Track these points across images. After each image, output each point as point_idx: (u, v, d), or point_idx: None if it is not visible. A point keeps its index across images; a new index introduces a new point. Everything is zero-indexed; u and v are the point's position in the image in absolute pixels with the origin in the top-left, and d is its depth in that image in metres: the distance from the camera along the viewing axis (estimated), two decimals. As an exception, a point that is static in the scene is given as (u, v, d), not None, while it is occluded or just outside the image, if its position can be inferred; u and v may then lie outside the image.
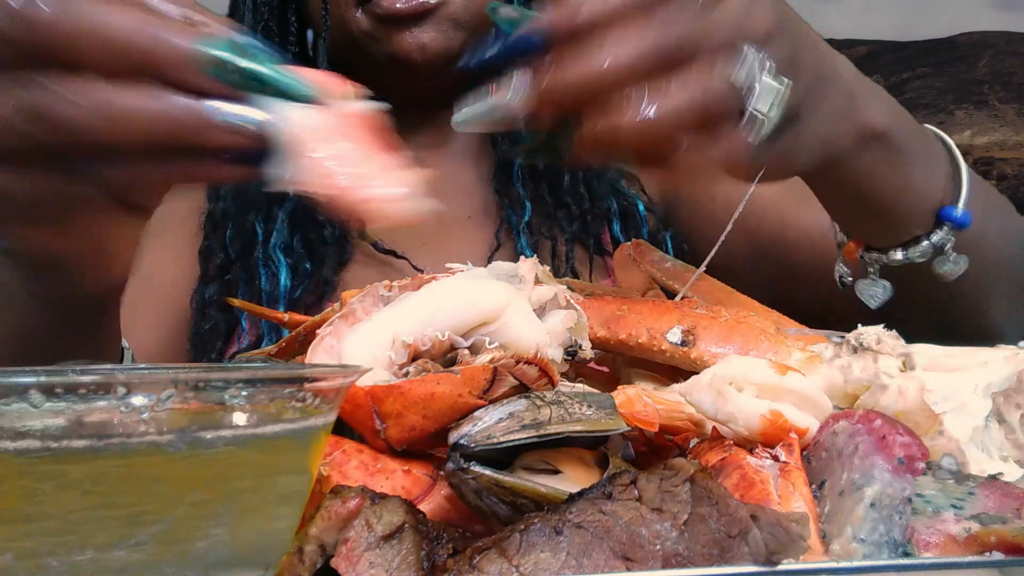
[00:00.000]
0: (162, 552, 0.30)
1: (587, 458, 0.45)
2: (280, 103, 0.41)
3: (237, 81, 0.41)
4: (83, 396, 0.30)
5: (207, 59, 0.41)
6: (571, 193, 1.04)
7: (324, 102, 0.41)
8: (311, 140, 0.40)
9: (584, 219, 1.04)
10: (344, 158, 0.41)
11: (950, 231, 0.67)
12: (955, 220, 0.67)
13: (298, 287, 0.98)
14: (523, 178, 1.03)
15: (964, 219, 0.67)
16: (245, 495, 0.31)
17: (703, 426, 0.51)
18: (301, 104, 0.41)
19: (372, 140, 0.42)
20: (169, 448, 0.29)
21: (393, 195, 0.41)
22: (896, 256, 0.68)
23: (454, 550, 0.37)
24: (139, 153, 0.43)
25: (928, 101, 2.69)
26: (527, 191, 1.03)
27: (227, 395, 0.32)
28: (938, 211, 0.67)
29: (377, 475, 0.45)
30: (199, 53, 0.41)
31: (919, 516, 0.42)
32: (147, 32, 0.41)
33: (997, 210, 0.78)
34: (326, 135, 0.41)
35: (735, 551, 0.37)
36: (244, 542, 0.32)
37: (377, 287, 0.54)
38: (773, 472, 0.45)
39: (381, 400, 0.46)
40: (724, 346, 0.57)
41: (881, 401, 0.50)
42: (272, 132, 0.41)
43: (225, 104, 0.41)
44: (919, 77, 2.78)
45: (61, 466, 0.28)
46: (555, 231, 1.03)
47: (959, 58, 2.87)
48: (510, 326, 0.50)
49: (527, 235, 1.01)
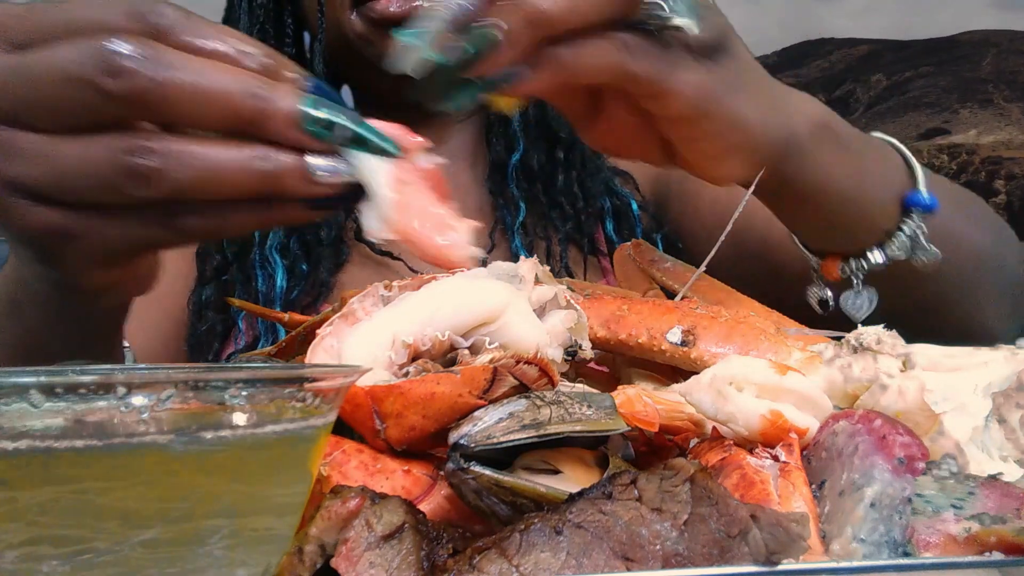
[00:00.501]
0: (162, 552, 0.30)
1: (587, 458, 0.45)
2: (365, 155, 0.45)
3: (332, 137, 0.44)
4: (83, 396, 0.30)
5: (308, 118, 0.44)
6: (565, 193, 1.04)
7: (401, 155, 0.45)
8: (392, 190, 0.45)
9: (578, 219, 1.04)
10: (419, 208, 0.46)
11: (920, 218, 0.67)
12: (922, 204, 0.67)
13: (294, 288, 0.98)
14: (517, 179, 1.04)
15: (931, 202, 0.67)
16: (245, 495, 0.31)
17: (703, 426, 0.51)
18: (383, 157, 0.45)
19: (437, 191, 0.47)
20: (169, 448, 0.29)
21: (459, 243, 0.46)
22: (876, 257, 0.68)
23: (454, 550, 0.37)
24: (235, 204, 0.45)
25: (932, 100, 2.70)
26: (521, 191, 1.03)
27: (227, 395, 0.32)
28: (903, 199, 0.68)
29: (377, 475, 0.45)
30: (301, 113, 0.43)
31: (919, 516, 0.42)
32: (250, 92, 0.43)
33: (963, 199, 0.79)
34: (403, 186, 0.45)
35: (735, 551, 0.37)
36: (244, 542, 0.32)
37: (377, 287, 0.54)
38: (773, 472, 0.45)
39: (381, 400, 0.46)
40: (724, 346, 0.57)
41: (881, 401, 0.50)
42: (357, 182, 0.45)
43: (320, 159, 0.44)
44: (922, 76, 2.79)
45: (60, 466, 0.28)
46: (549, 231, 1.03)
47: (962, 57, 2.89)
48: (510, 326, 0.50)
49: (521, 235, 1.01)
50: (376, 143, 0.45)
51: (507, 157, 1.04)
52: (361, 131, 0.45)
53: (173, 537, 0.30)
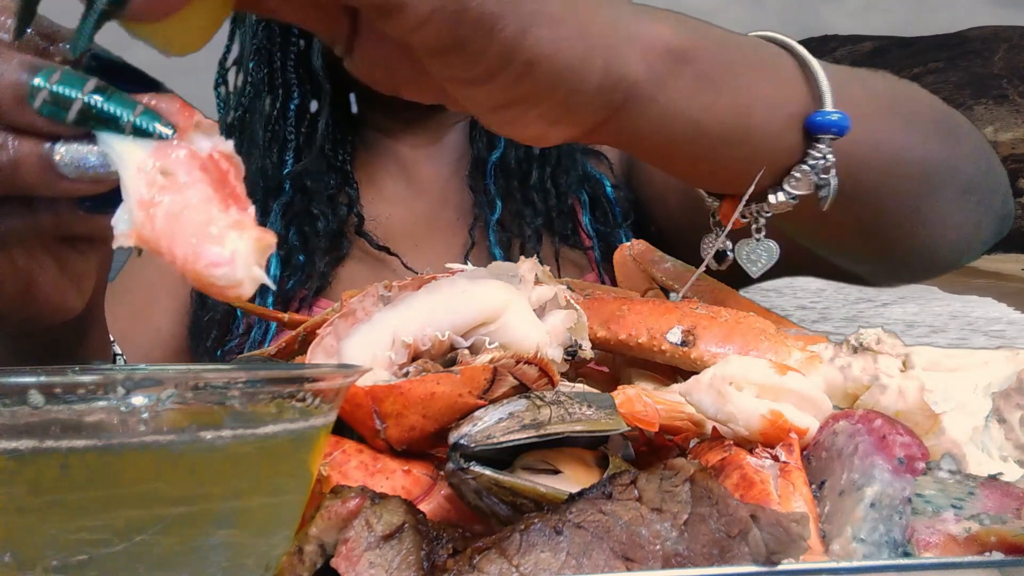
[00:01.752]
0: (162, 552, 0.30)
1: (587, 458, 0.45)
2: (117, 138, 0.36)
3: (67, 116, 0.36)
4: (83, 396, 0.30)
5: (36, 94, 0.36)
6: (540, 190, 1.04)
7: (172, 136, 0.36)
8: (142, 183, 0.35)
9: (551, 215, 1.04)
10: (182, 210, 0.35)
11: (828, 143, 0.55)
12: (829, 126, 0.54)
13: (290, 279, 0.99)
14: (495, 176, 1.04)
15: (840, 122, 0.54)
16: (245, 495, 0.31)
17: (703, 426, 0.51)
18: (144, 142, 0.36)
19: (219, 188, 0.36)
20: (169, 448, 0.29)
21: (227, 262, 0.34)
22: (779, 197, 0.56)
23: (454, 550, 0.37)
24: None
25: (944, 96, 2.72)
26: (499, 188, 1.03)
27: (227, 395, 0.32)
28: (805, 123, 0.55)
29: (377, 475, 0.45)
30: (27, 88, 0.36)
31: (919, 516, 0.42)
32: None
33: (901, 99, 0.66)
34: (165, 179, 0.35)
35: (735, 551, 0.37)
36: (244, 542, 0.32)
37: (377, 287, 0.54)
38: (773, 472, 0.45)
39: (381, 400, 0.46)
40: (724, 346, 0.57)
41: (881, 401, 0.50)
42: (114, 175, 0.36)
43: (66, 146, 0.36)
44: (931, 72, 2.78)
45: (60, 466, 0.28)
46: (524, 227, 1.03)
47: (972, 52, 2.87)
48: (510, 326, 0.50)
49: (498, 232, 1.02)
50: (125, 120, 0.35)
51: (487, 155, 1.04)
52: (100, 105, 0.35)
53: (173, 537, 0.30)
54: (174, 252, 0.34)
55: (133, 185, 0.35)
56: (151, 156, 0.35)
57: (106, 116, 0.36)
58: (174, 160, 0.35)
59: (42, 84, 0.36)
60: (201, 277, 0.34)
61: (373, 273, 1.00)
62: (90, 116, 0.36)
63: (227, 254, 0.34)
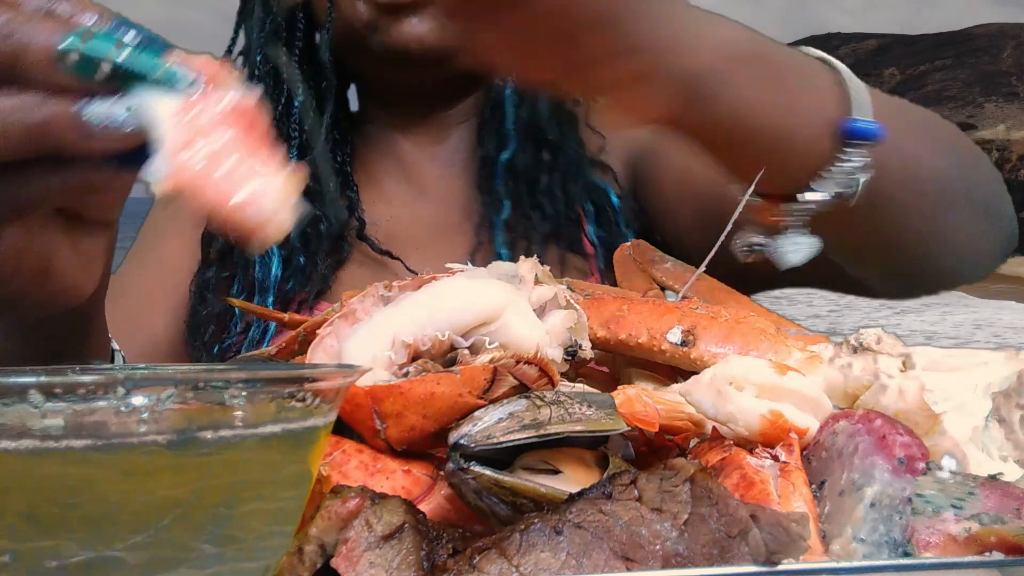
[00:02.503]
0: (162, 552, 0.30)
1: (587, 458, 0.45)
2: (151, 96, 0.37)
3: (97, 74, 0.37)
4: (83, 396, 0.30)
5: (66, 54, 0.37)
6: (547, 194, 1.04)
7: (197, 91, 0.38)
8: (177, 130, 0.37)
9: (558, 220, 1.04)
10: (216, 152, 0.37)
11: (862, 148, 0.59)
12: (863, 132, 0.59)
13: (289, 279, 0.99)
14: (504, 177, 1.04)
15: (872, 129, 0.59)
16: (245, 495, 0.31)
17: (703, 426, 0.51)
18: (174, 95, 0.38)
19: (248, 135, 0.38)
20: (169, 448, 0.29)
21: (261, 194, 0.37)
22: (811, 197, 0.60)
23: (454, 550, 0.37)
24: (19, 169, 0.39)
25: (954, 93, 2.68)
26: (507, 190, 1.03)
27: (227, 395, 0.32)
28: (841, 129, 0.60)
29: (377, 475, 0.45)
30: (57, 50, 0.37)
31: (919, 516, 0.42)
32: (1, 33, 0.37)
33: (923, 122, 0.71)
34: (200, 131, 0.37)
35: (735, 551, 0.37)
36: (244, 542, 0.32)
37: (377, 287, 0.54)
38: (773, 472, 0.45)
39: (381, 400, 0.46)
40: (724, 346, 0.57)
41: (881, 401, 0.50)
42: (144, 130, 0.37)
43: (93, 103, 0.38)
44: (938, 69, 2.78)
45: (60, 466, 0.28)
46: (530, 230, 1.03)
47: (979, 49, 2.87)
48: (510, 326, 0.50)
49: (504, 233, 1.01)
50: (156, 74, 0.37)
51: (496, 156, 1.04)
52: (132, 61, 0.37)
53: (173, 537, 0.30)
54: (209, 195, 0.37)
55: (167, 135, 0.37)
56: (182, 107, 0.37)
57: (138, 72, 0.37)
58: (204, 110, 0.38)
59: (74, 44, 0.37)
60: (236, 217, 0.37)
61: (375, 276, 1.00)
62: (122, 73, 0.37)
63: (260, 190, 0.37)
